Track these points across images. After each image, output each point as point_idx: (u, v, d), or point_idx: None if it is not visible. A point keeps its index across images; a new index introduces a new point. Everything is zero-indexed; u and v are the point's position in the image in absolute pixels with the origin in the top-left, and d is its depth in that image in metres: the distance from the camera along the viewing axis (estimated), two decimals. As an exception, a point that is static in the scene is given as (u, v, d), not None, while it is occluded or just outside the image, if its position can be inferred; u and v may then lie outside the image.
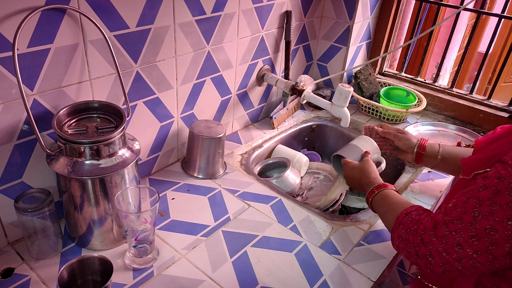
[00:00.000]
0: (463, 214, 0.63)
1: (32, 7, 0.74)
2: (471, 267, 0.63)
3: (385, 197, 0.89)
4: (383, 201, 0.89)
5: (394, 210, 0.83)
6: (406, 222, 0.76)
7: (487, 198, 0.60)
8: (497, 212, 0.58)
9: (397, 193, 0.91)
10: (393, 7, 1.57)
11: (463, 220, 0.63)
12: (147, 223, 0.82)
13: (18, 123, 0.81)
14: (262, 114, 1.50)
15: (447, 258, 0.65)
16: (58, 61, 0.82)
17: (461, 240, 0.63)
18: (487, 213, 0.59)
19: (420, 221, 0.73)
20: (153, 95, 1.05)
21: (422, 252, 0.69)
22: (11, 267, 0.84)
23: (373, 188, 0.93)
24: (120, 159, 0.82)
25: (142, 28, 0.94)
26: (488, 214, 0.59)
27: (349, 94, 1.19)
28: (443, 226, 0.66)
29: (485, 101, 1.51)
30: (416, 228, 0.72)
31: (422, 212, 0.77)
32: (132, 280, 0.84)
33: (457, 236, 0.63)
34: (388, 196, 0.89)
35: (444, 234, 0.66)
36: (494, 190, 0.59)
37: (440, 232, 0.66)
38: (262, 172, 1.35)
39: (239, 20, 1.19)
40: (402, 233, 0.75)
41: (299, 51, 1.53)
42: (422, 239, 0.69)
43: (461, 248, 0.63)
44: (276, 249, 0.94)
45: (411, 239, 0.72)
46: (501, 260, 0.59)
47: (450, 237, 0.64)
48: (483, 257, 0.61)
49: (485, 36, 3.27)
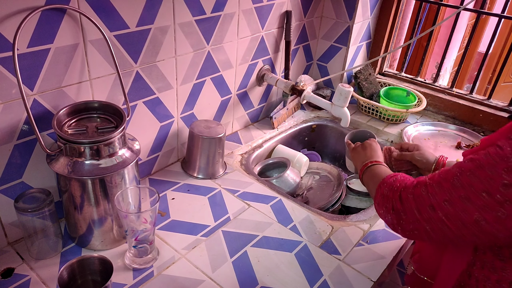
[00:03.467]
0: (443, 181, 0.65)
1: (32, 7, 0.74)
2: (439, 230, 0.66)
3: (375, 169, 0.92)
4: (373, 171, 0.92)
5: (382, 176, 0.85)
6: (390, 181, 0.79)
7: (469, 170, 0.62)
8: (474, 184, 0.60)
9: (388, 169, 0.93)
10: (393, 7, 1.57)
11: (442, 186, 0.65)
12: (147, 223, 0.82)
13: (18, 123, 0.81)
14: (262, 114, 1.50)
15: (418, 217, 0.68)
16: (58, 61, 0.82)
17: (434, 202, 0.65)
18: (466, 184, 0.61)
19: (403, 181, 0.76)
20: (153, 95, 1.05)
21: (397, 207, 0.72)
22: (11, 267, 0.84)
23: (367, 162, 0.96)
24: (120, 159, 0.82)
25: (142, 28, 0.94)
26: (466, 185, 0.61)
27: (349, 94, 1.19)
28: (422, 187, 0.69)
29: (485, 101, 1.51)
30: (398, 186, 0.75)
31: (408, 177, 0.79)
32: (132, 280, 0.84)
33: (432, 198, 0.66)
34: (378, 168, 0.92)
35: (421, 193, 0.68)
36: (478, 164, 0.61)
37: (417, 192, 0.69)
38: (262, 172, 1.35)
39: (239, 20, 1.19)
40: (385, 190, 0.78)
41: (299, 51, 1.53)
42: (400, 195, 0.72)
43: (433, 209, 0.65)
44: (276, 249, 0.94)
45: (390, 195, 0.75)
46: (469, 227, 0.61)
47: (426, 197, 0.67)
48: (452, 222, 0.63)
49: (485, 36, 3.27)
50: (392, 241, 0.99)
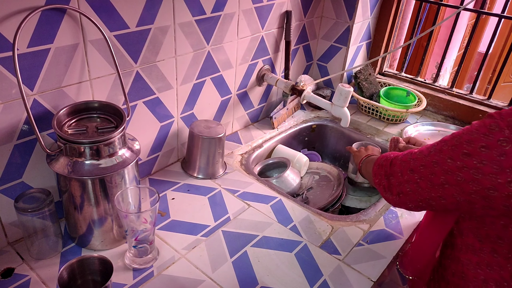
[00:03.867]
0: (425, 149, 0.73)
1: (32, 7, 0.74)
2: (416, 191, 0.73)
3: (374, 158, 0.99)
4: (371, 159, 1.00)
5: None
6: (386, 154, 0.88)
7: (445, 140, 0.69)
8: (444, 151, 0.67)
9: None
10: (393, 7, 1.57)
11: (422, 153, 0.73)
12: (147, 223, 0.82)
13: (18, 123, 0.81)
14: (262, 114, 1.50)
15: (401, 179, 0.76)
16: (58, 61, 0.82)
17: (414, 166, 0.74)
18: (438, 150, 0.69)
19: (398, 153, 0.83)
20: (153, 95, 1.05)
21: (388, 172, 0.81)
22: (11, 267, 0.84)
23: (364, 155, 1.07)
24: (120, 159, 0.82)
25: (142, 28, 0.94)
26: (438, 151, 0.69)
27: (349, 94, 1.20)
28: (409, 154, 0.77)
29: (485, 101, 1.51)
30: (392, 156, 0.83)
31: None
32: (132, 280, 0.84)
33: (412, 163, 0.74)
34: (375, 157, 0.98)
35: (406, 159, 0.77)
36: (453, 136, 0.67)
37: (404, 158, 0.78)
38: (262, 172, 1.35)
39: (239, 20, 1.19)
40: (380, 161, 0.86)
41: (299, 51, 1.53)
42: (392, 161, 0.81)
43: (411, 172, 0.74)
44: (276, 249, 0.94)
45: (384, 163, 0.83)
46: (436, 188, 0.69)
47: (409, 162, 0.75)
48: (424, 183, 0.71)
49: (485, 36, 3.27)
50: (392, 241, 0.99)
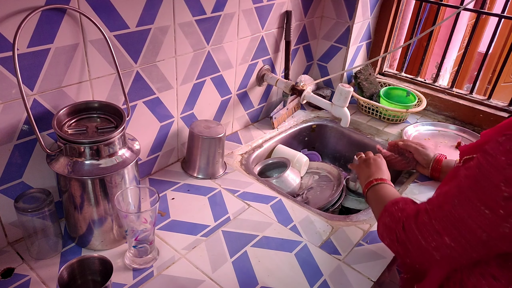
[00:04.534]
0: (444, 203, 0.63)
1: (32, 7, 0.74)
2: (448, 256, 0.63)
3: (380, 189, 0.93)
4: (378, 192, 0.92)
5: (385, 200, 0.84)
6: (392, 210, 0.77)
7: (467, 187, 0.59)
8: (474, 201, 0.58)
9: (393, 188, 0.94)
10: (393, 7, 1.57)
11: (443, 209, 0.63)
12: (147, 223, 0.82)
13: (18, 123, 0.81)
14: (262, 114, 1.50)
15: (425, 245, 0.65)
16: (58, 61, 0.82)
17: (439, 227, 0.62)
18: (464, 201, 0.59)
19: (405, 210, 0.73)
20: (153, 95, 1.05)
21: (401, 238, 0.70)
22: (11, 267, 0.84)
23: (372, 179, 0.97)
24: (120, 159, 0.82)
25: (142, 28, 0.94)
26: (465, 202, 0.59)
27: (349, 94, 1.20)
28: (424, 214, 0.66)
29: (485, 101, 1.51)
30: (400, 216, 0.73)
31: (409, 202, 0.77)
32: (132, 280, 0.84)
33: (436, 224, 0.63)
34: (383, 188, 0.93)
35: (424, 221, 0.66)
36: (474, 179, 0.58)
37: (420, 219, 0.66)
38: (262, 172, 1.35)
39: (239, 20, 1.19)
40: (387, 220, 0.76)
41: (299, 51, 1.53)
42: (404, 226, 0.70)
43: (439, 236, 0.62)
44: (276, 249, 0.94)
45: (393, 226, 0.73)
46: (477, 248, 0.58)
47: (429, 224, 0.64)
48: (459, 245, 0.60)
49: (485, 36, 3.27)
50: (392, 241, 1.00)
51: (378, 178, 0.97)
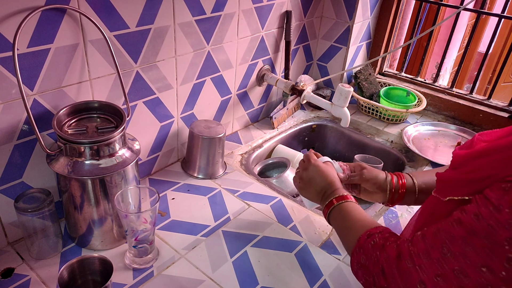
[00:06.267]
0: (431, 248, 0.55)
1: (32, 7, 0.74)
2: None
3: (346, 211, 0.78)
4: (344, 216, 0.78)
5: (356, 229, 0.73)
6: (367, 246, 0.67)
7: (460, 237, 0.51)
8: (469, 255, 0.50)
9: (359, 207, 0.79)
10: (393, 7, 1.57)
11: (430, 255, 0.55)
12: (147, 223, 0.82)
13: (18, 123, 0.81)
14: (262, 114, 1.50)
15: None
16: (58, 61, 0.82)
17: (424, 277, 0.55)
18: (458, 254, 0.51)
19: (384, 248, 0.64)
20: (153, 95, 1.05)
21: (380, 284, 0.62)
22: (11, 267, 0.84)
23: (332, 199, 0.80)
24: (120, 159, 0.82)
25: (142, 28, 0.94)
26: (459, 255, 0.51)
27: (349, 94, 1.20)
28: (408, 258, 0.58)
29: (485, 101, 1.51)
30: (378, 255, 0.64)
31: (387, 236, 0.67)
32: (132, 280, 0.84)
33: (421, 272, 0.55)
34: (350, 210, 0.78)
35: (407, 267, 0.57)
36: (469, 229, 0.50)
37: (403, 265, 0.58)
38: (262, 172, 1.35)
39: (239, 20, 1.19)
40: (362, 258, 0.67)
41: (299, 51, 1.53)
42: (383, 270, 0.62)
43: (424, 286, 0.55)
44: (276, 249, 0.94)
45: (371, 268, 0.64)
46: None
47: (414, 272, 0.56)
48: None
49: (485, 36, 3.27)
50: (392, 241, 0.99)
51: (336, 196, 0.80)
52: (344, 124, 1.25)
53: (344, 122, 1.25)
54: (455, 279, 0.51)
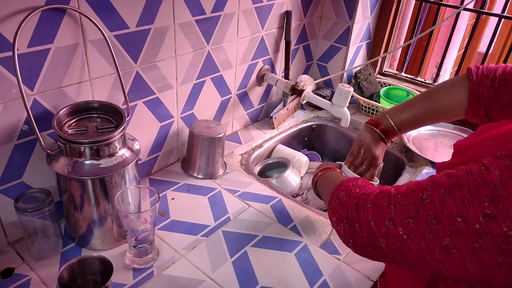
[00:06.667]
0: (411, 192, 0.55)
1: (32, 7, 0.74)
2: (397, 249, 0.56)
3: (330, 175, 0.82)
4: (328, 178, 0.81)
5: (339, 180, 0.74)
6: (348, 185, 0.68)
7: (444, 186, 0.52)
8: (447, 205, 0.50)
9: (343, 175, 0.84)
10: (393, 7, 1.57)
11: (408, 198, 0.55)
12: (147, 223, 0.82)
13: (18, 123, 0.81)
14: (262, 114, 1.50)
15: (374, 230, 0.58)
16: (58, 61, 0.82)
17: (396, 216, 0.55)
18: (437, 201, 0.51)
19: (364, 187, 0.65)
20: (153, 95, 1.05)
21: (352, 216, 0.62)
22: (11, 267, 0.84)
23: (318, 171, 0.86)
24: (120, 159, 0.82)
25: (142, 28, 0.94)
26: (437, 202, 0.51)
27: (349, 94, 1.20)
28: (385, 196, 0.59)
29: (485, 101, 1.51)
30: (358, 192, 0.64)
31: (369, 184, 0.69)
32: (132, 280, 0.84)
33: (394, 211, 0.56)
34: (334, 174, 0.83)
35: (382, 203, 0.58)
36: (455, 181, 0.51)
37: (378, 201, 0.59)
38: (262, 172, 1.35)
39: (239, 20, 1.19)
40: (341, 194, 0.67)
41: (299, 51, 1.53)
42: (358, 203, 0.62)
43: (392, 224, 0.55)
44: (276, 249, 0.94)
45: (347, 201, 0.64)
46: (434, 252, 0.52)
47: (387, 209, 0.57)
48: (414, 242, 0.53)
49: (485, 36, 3.27)
50: (392, 241, 0.99)
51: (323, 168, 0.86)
52: (344, 124, 1.25)
53: (344, 122, 1.25)
54: (426, 223, 0.52)
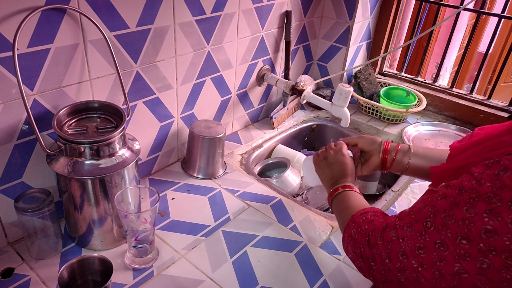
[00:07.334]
0: (415, 222, 0.57)
1: (32, 7, 0.74)
2: (415, 281, 0.57)
3: (347, 197, 0.83)
4: (345, 201, 0.82)
5: (353, 209, 0.77)
6: (359, 221, 0.70)
7: (443, 209, 0.53)
8: (450, 227, 0.51)
9: (362, 197, 0.84)
10: (393, 7, 1.57)
11: (413, 228, 0.56)
12: (147, 223, 0.82)
13: (18, 123, 0.81)
14: (262, 114, 1.50)
15: (390, 266, 0.59)
16: (58, 61, 0.82)
17: (407, 249, 0.57)
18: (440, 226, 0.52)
19: (373, 222, 0.67)
20: (153, 95, 1.05)
21: (366, 254, 0.64)
22: (11, 267, 0.84)
23: (337, 187, 0.85)
24: (120, 159, 0.82)
25: (142, 28, 0.94)
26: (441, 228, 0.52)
27: (349, 94, 1.20)
28: (392, 230, 0.60)
29: (485, 101, 1.51)
30: (366, 228, 0.67)
31: (379, 214, 0.71)
32: (132, 280, 0.84)
33: (404, 244, 0.57)
34: (351, 197, 0.83)
35: (391, 239, 0.60)
36: (452, 201, 0.52)
37: (387, 236, 0.61)
38: (262, 172, 1.35)
39: (239, 20, 1.19)
40: (352, 232, 0.69)
41: (299, 51, 1.53)
42: (369, 240, 0.64)
43: (406, 258, 0.57)
44: (276, 249, 0.94)
45: (359, 239, 0.67)
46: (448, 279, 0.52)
47: (397, 243, 0.59)
48: (428, 272, 0.54)
49: (485, 36, 3.27)
50: (392, 241, 0.99)
51: (344, 185, 0.85)
52: (344, 124, 1.25)
53: (344, 122, 1.25)
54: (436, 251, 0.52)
